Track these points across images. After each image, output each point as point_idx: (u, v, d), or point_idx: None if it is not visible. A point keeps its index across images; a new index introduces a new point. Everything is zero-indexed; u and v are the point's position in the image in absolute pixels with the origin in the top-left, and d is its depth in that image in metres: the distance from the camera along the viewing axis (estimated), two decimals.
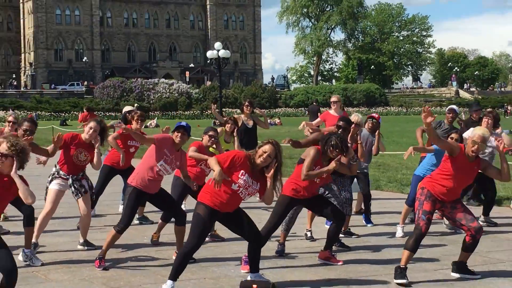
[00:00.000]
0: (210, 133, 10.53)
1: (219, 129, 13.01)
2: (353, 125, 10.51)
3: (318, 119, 14.82)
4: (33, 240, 9.70)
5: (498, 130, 11.95)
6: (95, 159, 9.81)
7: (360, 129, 10.96)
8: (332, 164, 8.61)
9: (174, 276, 7.65)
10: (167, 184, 9.69)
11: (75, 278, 8.56)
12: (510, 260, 9.45)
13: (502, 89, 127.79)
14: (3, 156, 6.66)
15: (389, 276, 8.35)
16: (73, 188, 9.82)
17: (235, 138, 12.84)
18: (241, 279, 8.05)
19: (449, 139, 9.19)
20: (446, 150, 8.31)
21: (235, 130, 12.90)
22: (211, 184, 7.51)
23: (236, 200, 7.72)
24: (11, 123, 11.43)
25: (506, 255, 9.80)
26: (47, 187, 10.00)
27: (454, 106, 13.47)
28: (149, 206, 10.77)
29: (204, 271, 8.80)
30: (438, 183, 8.30)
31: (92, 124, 9.84)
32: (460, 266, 8.61)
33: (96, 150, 9.76)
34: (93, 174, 10.82)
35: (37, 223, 9.77)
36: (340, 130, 9.83)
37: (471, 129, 10.35)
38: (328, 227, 10.95)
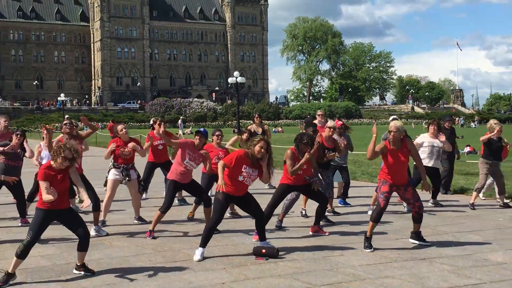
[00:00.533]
0: (217, 133, 10.72)
1: (235, 137, 13.09)
2: (330, 129, 10.48)
3: None
4: (101, 218, 9.75)
5: (441, 138, 11.81)
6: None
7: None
8: (306, 156, 8.65)
9: (203, 244, 7.71)
10: (197, 176, 9.69)
11: (132, 245, 8.56)
12: (452, 232, 9.39)
13: (444, 105, 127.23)
14: (69, 160, 6.71)
15: (360, 243, 8.31)
16: (122, 176, 9.88)
17: None
18: (253, 245, 8.03)
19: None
20: (381, 155, 8.34)
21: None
22: (225, 178, 7.66)
23: (244, 186, 7.84)
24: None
25: (449, 228, 9.74)
26: (106, 177, 10.04)
27: (394, 117, 13.24)
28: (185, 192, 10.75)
29: (226, 240, 8.79)
30: (387, 174, 8.31)
31: (121, 126, 10.08)
32: (416, 235, 8.58)
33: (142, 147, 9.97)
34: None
35: (103, 206, 9.82)
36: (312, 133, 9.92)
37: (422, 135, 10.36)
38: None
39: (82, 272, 6.90)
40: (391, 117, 13.24)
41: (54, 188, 6.57)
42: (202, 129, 9.63)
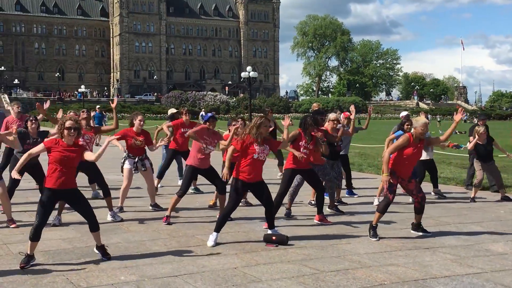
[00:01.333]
0: (233, 123, 10.62)
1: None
2: (333, 122, 10.40)
3: None
4: (119, 204, 9.82)
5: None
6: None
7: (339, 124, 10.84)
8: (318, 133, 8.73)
9: (217, 229, 7.73)
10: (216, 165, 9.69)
11: (148, 230, 8.59)
12: (455, 223, 9.35)
13: (447, 101, 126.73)
14: (73, 129, 6.67)
15: (367, 232, 8.29)
16: (137, 165, 9.88)
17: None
18: (264, 233, 8.04)
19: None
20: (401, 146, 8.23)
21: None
22: (241, 166, 7.72)
23: (260, 164, 7.79)
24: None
25: (452, 219, 9.70)
26: (122, 166, 10.03)
27: (407, 113, 13.15)
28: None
29: (238, 226, 8.80)
30: (397, 164, 8.22)
31: (140, 117, 9.98)
32: (416, 226, 8.56)
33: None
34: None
35: (120, 194, 9.88)
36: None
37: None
38: (326, 197, 10.94)
39: (101, 256, 6.92)
40: (404, 112, 13.20)
41: (59, 161, 6.58)
42: (209, 113, 9.62)
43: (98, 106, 30.63)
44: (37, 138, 9.44)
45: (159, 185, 12.28)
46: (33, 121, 9.49)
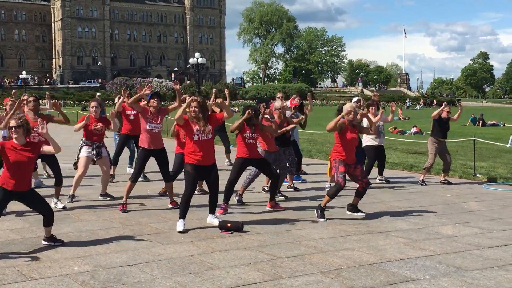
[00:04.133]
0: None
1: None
2: (278, 109, 10.43)
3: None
4: (71, 192, 9.60)
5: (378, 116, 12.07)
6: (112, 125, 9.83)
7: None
8: (246, 115, 8.67)
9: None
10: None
11: (100, 219, 8.42)
12: (405, 207, 9.54)
13: (384, 88, 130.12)
14: (16, 128, 6.43)
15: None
16: (94, 152, 9.66)
17: None
18: (219, 220, 7.99)
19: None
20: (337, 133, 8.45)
21: None
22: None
23: (205, 145, 7.71)
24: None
25: (402, 203, 9.89)
26: (78, 154, 9.81)
27: (359, 98, 13.36)
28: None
29: (192, 214, 8.65)
30: (340, 152, 8.42)
31: (94, 103, 9.85)
32: (353, 207, 8.78)
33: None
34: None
35: (74, 181, 9.64)
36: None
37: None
38: (285, 183, 11.02)
39: (52, 243, 6.76)
40: (356, 98, 13.35)
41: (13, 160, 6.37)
42: (156, 91, 9.53)
43: (98, 94, 27.50)
44: None
45: (114, 173, 12.05)
46: None
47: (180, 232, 7.49)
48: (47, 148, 6.76)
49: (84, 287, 5.34)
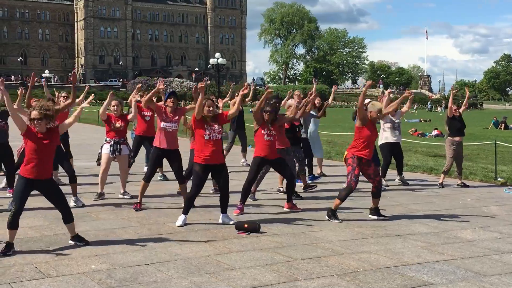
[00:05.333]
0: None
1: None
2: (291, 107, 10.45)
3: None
4: (99, 190, 9.80)
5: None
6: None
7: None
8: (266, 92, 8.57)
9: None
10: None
11: (118, 218, 8.47)
12: (423, 210, 9.45)
13: (406, 89, 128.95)
14: (38, 120, 6.48)
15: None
16: (111, 149, 9.73)
17: None
18: (235, 221, 8.00)
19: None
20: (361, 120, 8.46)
21: None
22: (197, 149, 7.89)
23: (214, 145, 7.82)
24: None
25: (420, 206, 9.80)
26: (99, 153, 9.93)
27: (369, 100, 13.25)
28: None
29: (209, 214, 8.72)
30: (360, 148, 8.41)
31: (115, 102, 9.93)
32: (374, 210, 8.71)
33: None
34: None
35: (99, 179, 9.86)
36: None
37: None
38: (299, 183, 11.03)
39: (78, 243, 6.83)
40: (367, 100, 13.27)
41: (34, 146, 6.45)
42: (172, 90, 9.58)
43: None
44: (1, 120, 9.57)
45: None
46: None
47: (178, 226, 7.73)
48: (66, 122, 6.99)
49: (100, 285, 5.37)
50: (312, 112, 11.50)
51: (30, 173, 6.48)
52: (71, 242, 6.86)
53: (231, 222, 7.89)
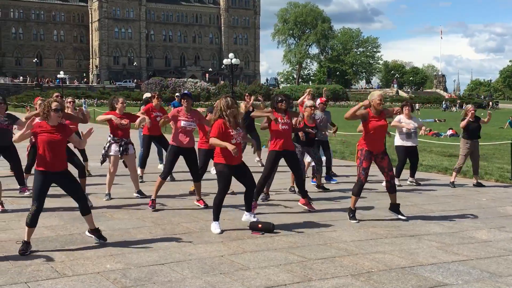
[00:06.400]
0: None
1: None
2: (310, 108, 10.45)
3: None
4: (107, 191, 9.80)
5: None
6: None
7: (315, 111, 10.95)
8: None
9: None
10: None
11: (132, 218, 8.51)
12: (438, 210, 9.40)
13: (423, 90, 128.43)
14: (60, 110, 6.64)
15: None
16: (120, 149, 9.76)
17: None
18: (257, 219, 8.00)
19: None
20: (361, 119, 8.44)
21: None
22: (221, 152, 7.64)
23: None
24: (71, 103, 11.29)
25: (435, 207, 9.75)
26: (102, 153, 9.90)
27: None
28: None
29: (223, 214, 8.65)
30: (367, 142, 8.36)
31: (122, 99, 9.95)
32: (393, 207, 8.65)
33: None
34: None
35: (107, 180, 9.83)
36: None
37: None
38: (312, 184, 11.03)
39: (94, 237, 6.90)
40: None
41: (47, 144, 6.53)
42: (187, 91, 9.61)
43: (177, 94, 26.11)
44: (6, 119, 9.64)
45: (143, 174, 12.21)
46: (1, 104, 9.70)
47: (218, 234, 7.50)
48: (75, 138, 7.03)
49: (115, 285, 5.40)
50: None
51: (45, 166, 6.55)
52: (88, 234, 6.92)
53: (255, 219, 7.87)
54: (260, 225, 7.66)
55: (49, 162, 6.55)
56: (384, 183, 11.21)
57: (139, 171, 11.90)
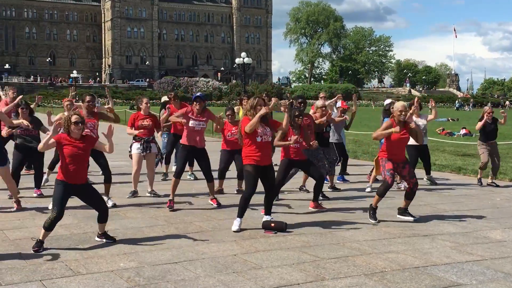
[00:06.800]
0: (228, 112, 10.75)
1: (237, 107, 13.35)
2: (321, 109, 10.44)
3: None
4: (133, 189, 10.08)
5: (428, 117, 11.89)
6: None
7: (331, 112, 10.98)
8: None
9: (240, 214, 7.72)
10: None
11: (145, 216, 8.55)
12: (452, 210, 9.35)
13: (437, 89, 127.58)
14: (80, 123, 6.70)
15: (364, 219, 8.33)
16: (142, 148, 9.85)
17: None
18: (261, 220, 8.00)
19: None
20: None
21: None
22: (248, 151, 7.67)
23: (266, 146, 7.73)
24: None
25: (449, 206, 9.70)
26: (129, 151, 10.06)
27: (392, 100, 13.17)
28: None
29: (235, 214, 8.72)
30: (389, 152, 8.32)
31: (145, 99, 10.10)
32: (403, 210, 8.63)
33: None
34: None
35: (132, 178, 10.08)
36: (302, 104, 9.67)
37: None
38: (326, 182, 11.01)
39: (104, 240, 6.94)
40: (388, 100, 13.19)
41: (70, 155, 6.61)
42: (199, 93, 9.63)
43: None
44: (30, 124, 9.65)
45: (168, 171, 12.32)
46: (24, 109, 9.80)
47: (234, 231, 7.52)
48: (101, 145, 7.02)
49: (129, 283, 5.43)
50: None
51: (66, 177, 6.64)
52: (97, 239, 6.96)
53: (272, 225, 7.82)
54: (273, 224, 7.66)
55: (71, 174, 6.64)
56: (402, 186, 11.24)
57: (163, 167, 12.02)
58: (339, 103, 11.48)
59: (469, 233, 7.72)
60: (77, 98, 18.07)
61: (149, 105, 10.07)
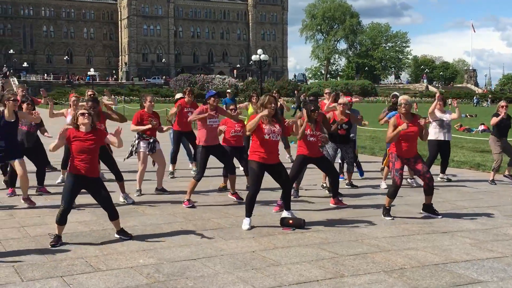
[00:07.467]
0: (231, 107, 10.73)
1: (245, 103, 13.39)
2: (343, 105, 10.38)
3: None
4: (137, 187, 9.91)
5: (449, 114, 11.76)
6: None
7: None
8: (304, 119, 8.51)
9: (248, 214, 7.69)
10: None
11: (163, 213, 8.58)
12: (471, 207, 9.28)
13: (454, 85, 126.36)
14: (88, 114, 6.79)
15: (382, 215, 8.30)
16: (151, 146, 9.86)
17: None
18: (279, 216, 8.00)
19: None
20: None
21: None
22: (254, 148, 7.66)
23: (273, 145, 7.66)
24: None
25: (468, 203, 9.62)
26: (131, 150, 10.01)
27: (396, 93, 13.07)
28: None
29: (254, 210, 8.71)
30: (398, 147, 8.26)
31: (149, 97, 9.98)
32: (426, 207, 8.57)
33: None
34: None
35: (138, 177, 9.97)
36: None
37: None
38: (341, 180, 10.94)
39: (122, 237, 6.99)
40: (394, 93, 13.12)
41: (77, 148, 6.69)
42: (212, 91, 9.64)
43: (229, 90, 24.12)
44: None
45: (174, 170, 12.32)
46: (29, 104, 9.82)
47: (245, 230, 7.51)
48: (111, 139, 7.04)
49: (149, 279, 5.46)
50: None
51: (78, 170, 6.70)
52: (117, 236, 7.02)
53: (290, 222, 7.79)
54: (291, 221, 7.65)
55: (82, 168, 6.70)
56: (412, 183, 11.17)
57: (170, 167, 12.03)
58: (344, 99, 11.33)
59: (489, 229, 7.66)
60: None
61: (153, 103, 9.94)
